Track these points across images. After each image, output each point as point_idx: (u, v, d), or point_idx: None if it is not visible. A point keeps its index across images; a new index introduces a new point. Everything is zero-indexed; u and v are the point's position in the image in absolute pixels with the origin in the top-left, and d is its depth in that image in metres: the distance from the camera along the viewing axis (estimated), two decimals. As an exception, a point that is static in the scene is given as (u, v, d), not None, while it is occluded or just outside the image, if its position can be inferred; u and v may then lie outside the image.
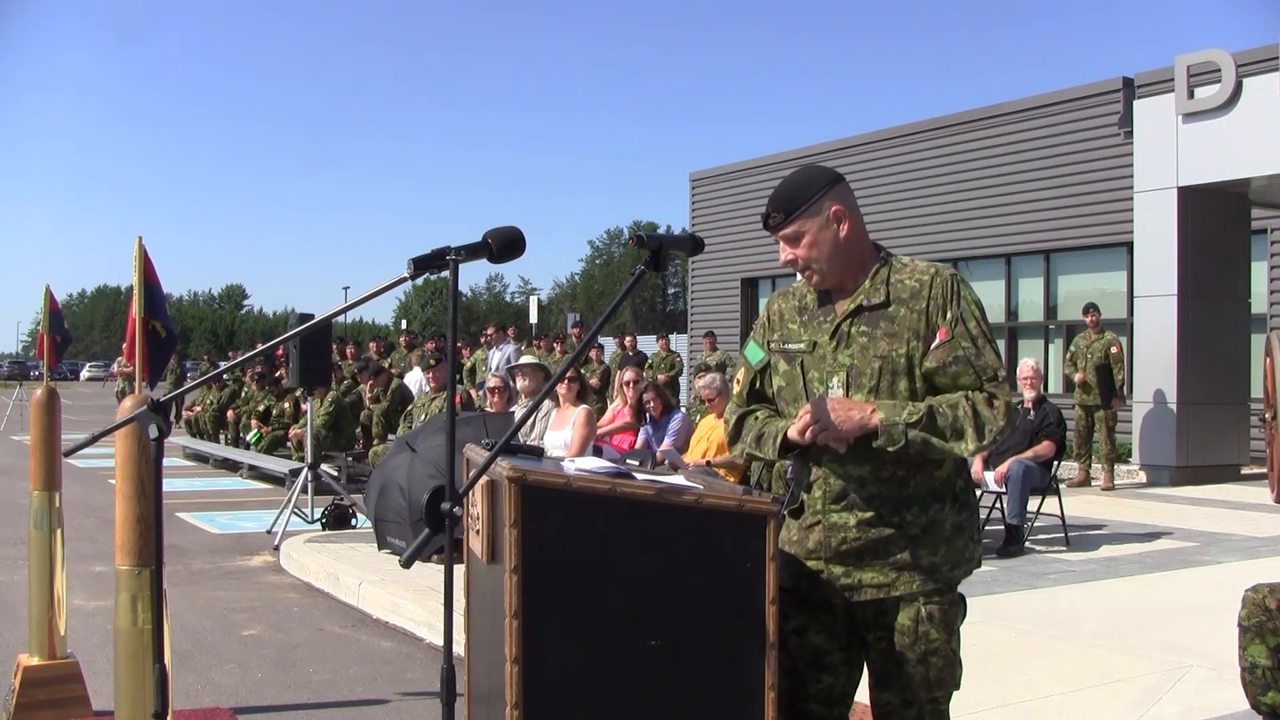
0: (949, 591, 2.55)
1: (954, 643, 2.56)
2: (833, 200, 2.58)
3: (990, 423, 2.46)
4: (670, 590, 2.27)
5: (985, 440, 2.46)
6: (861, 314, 2.58)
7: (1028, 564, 7.39)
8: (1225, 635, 4.01)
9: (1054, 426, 8.33)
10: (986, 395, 2.48)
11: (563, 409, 7.52)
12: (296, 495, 9.27)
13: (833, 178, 2.64)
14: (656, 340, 17.51)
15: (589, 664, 2.24)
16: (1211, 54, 11.96)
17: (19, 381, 36.32)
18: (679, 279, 77.08)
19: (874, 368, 2.53)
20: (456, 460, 2.63)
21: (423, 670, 5.37)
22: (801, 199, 2.58)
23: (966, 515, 2.59)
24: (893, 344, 2.53)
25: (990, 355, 2.53)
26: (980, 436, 2.45)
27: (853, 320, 2.58)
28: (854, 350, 2.56)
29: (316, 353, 9.52)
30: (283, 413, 14.81)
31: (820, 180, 2.62)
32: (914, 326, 2.53)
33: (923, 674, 2.52)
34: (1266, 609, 3.55)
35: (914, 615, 2.51)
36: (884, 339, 2.54)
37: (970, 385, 2.50)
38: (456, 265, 2.22)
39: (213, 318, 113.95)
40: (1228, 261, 12.65)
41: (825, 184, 2.60)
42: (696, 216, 23.49)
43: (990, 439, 2.47)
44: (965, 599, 2.61)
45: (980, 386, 2.50)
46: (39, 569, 4.37)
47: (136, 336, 4.16)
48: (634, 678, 2.26)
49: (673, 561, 2.28)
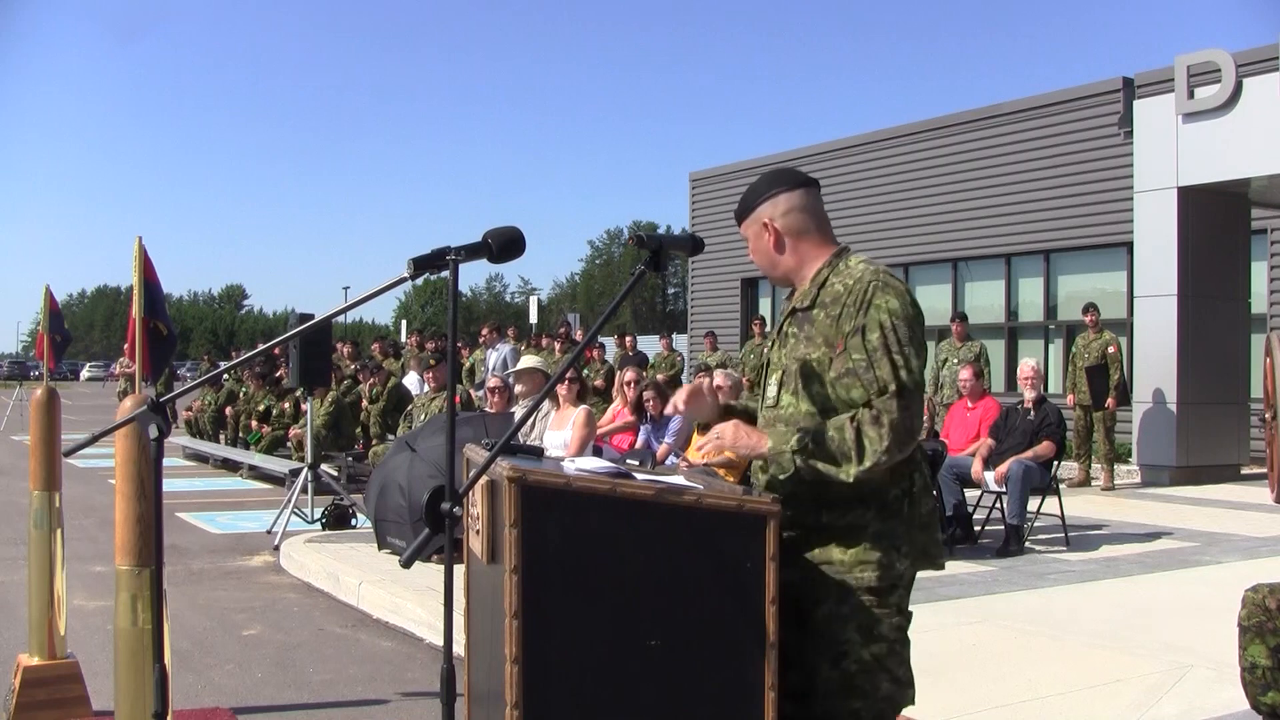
0: (866, 594, 2.45)
1: (874, 649, 2.45)
2: (770, 208, 2.64)
3: (872, 444, 2.37)
4: (670, 590, 2.27)
5: (865, 464, 2.37)
6: (795, 315, 2.64)
7: (1028, 564, 7.39)
8: (1225, 635, 4.01)
9: (1054, 427, 8.33)
10: (874, 413, 2.39)
11: (562, 409, 7.53)
12: (296, 495, 9.27)
13: (779, 184, 2.66)
14: (660, 340, 17.49)
15: (589, 664, 2.24)
16: (1211, 54, 11.96)
17: (19, 381, 36.33)
18: (679, 279, 77.06)
19: (793, 370, 2.56)
20: (456, 460, 2.63)
21: (423, 670, 5.37)
22: (745, 205, 2.69)
23: (894, 525, 2.47)
24: (809, 348, 2.54)
25: (885, 369, 2.41)
26: (860, 460, 2.37)
27: (789, 320, 2.65)
28: (785, 350, 2.62)
29: (316, 353, 9.52)
30: (283, 413, 14.81)
31: (761, 189, 2.67)
32: (826, 333, 2.52)
33: (838, 678, 2.44)
34: (1266, 609, 3.55)
35: (826, 613, 2.46)
36: (804, 342, 2.57)
37: (860, 400, 2.44)
38: (456, 265, 2.22)
39: (213, 318, 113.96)
40: (1228, 261, 12.65)
41: (764, 192, 2.66)
42: (696, 216, 23.49)
43: (871, 462, 2.37)
44: (903, 609, 2.51)
45: (869, 402, 2.42)
46: (39, 569, 4.37)
47: (136, 336, 4.16)
48: (634, 678, 2.26)
49: (673, 561, 2.28)
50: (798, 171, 2.73)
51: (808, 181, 2.69)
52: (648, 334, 34.44)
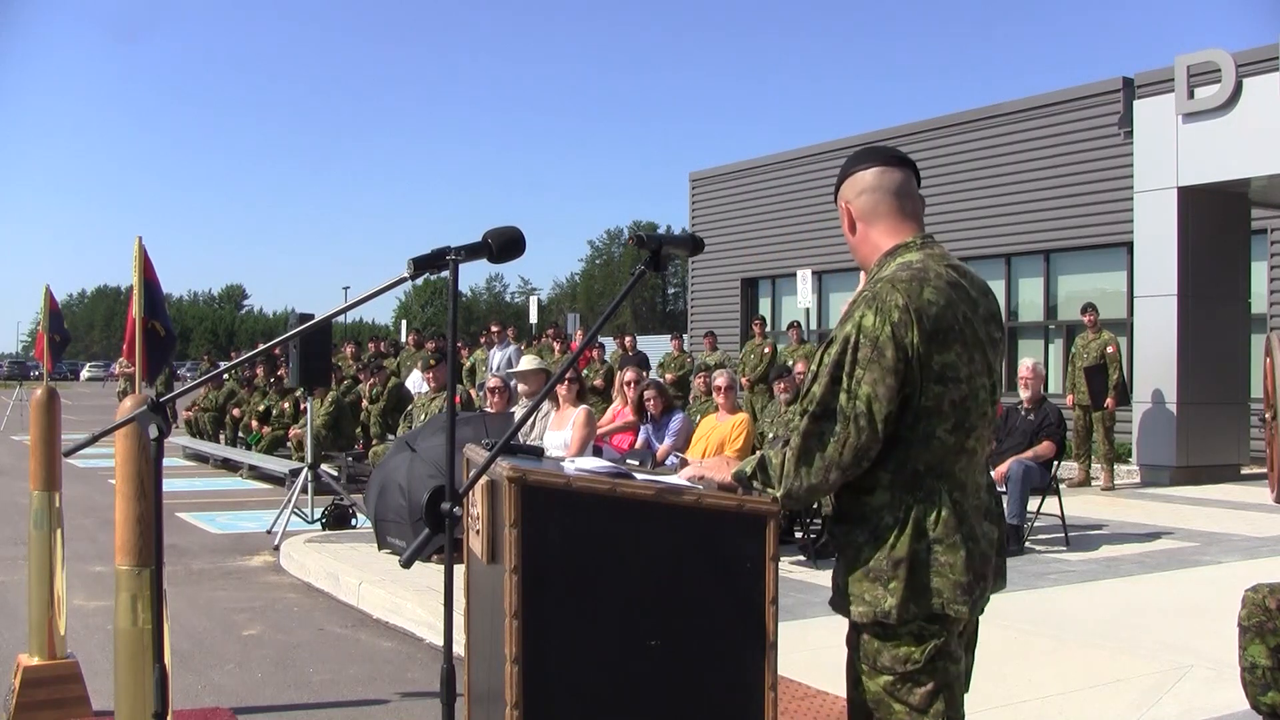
0: (864, 625, 2.27)
1: (881, 680, 2.25)
2: (848, 186, 2.44)
3: (785, 466, 2.25)
4: (670, 590, 2.27)
5: (779, 490, 2.27)
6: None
7: (1028, 564, 7.38)
8: (1225, 635, 4.01)
9: (1054, 427, 8.33)
10: (790, 435, 2.27)
11: (562, 409, 7.53)
12: (296, 495, 9.27)
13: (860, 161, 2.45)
14: (671, 340, 17.45)
15: (589, 664, 2.24)
16: (1211, 54, 11.96)
17: (19, 381, 36.31)
18: (679, 279, 77.06)
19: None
20: (456, 460, 2.63)
21: (423, 670, 5.37)
22: (836, 183, 2.50)
23: (883, 556, 2.23)
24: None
25: (819, 387, 2.23)
26: (780, 484, 2.27)
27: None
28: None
29: (316, 353, 9.52)
30: (283, 413, 14.81)
31: (847, 165, 2.47)
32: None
33: (856, 699, 2.33)
34: (1266, 609, 3.55)
35: (848, 634, 2.36)
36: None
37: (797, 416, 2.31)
38: (456, 265, 2.22)
39: (213, 318, 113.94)
40: (1228, 261, 12.65)
41: (848, 169, 2.46)
42: (696, 216, 23.49)
43: (784, 489, 2.26)
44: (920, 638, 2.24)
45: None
46: (39, 569, 4.37)
47: (136, 336, 4.16)
48: (634, 678, 2.26)
49: (673, 561, 2.28)
50: (890, 150, 2.48)
51: (894, 160, 2.43)
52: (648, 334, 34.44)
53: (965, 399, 2.27)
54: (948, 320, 2.25)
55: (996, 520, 2.44)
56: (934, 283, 2.28)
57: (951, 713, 2.30)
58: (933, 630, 2.25)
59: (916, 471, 2.25)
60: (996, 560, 2.39)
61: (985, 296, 2.39)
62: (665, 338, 20.01)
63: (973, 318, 2.31)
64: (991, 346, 2.36)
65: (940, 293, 2.27)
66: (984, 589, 2.32)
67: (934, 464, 2.26)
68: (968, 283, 2.36)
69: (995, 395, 2.38)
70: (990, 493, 2.44)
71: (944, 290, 2.28)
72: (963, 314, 2.29)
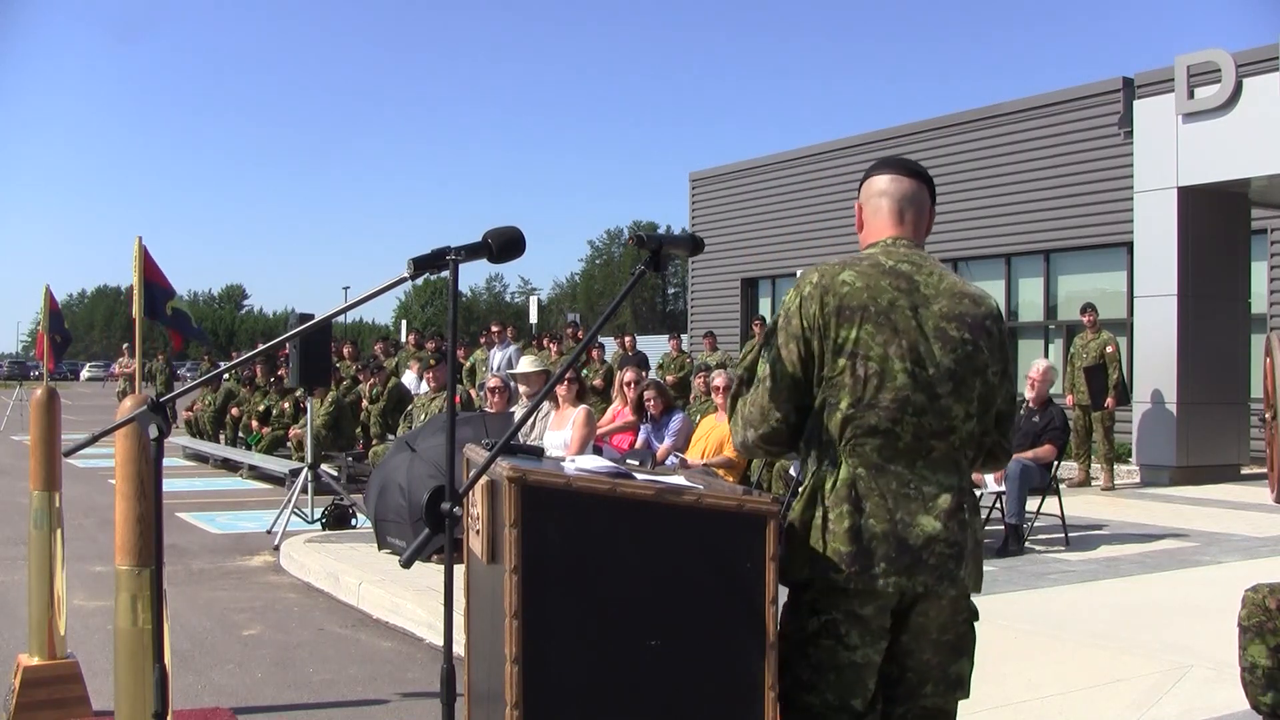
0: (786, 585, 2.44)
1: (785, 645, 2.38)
2: (863, 190, 2.65)
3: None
4: (670, 590, 2.27)
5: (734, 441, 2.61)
6: None
7: (1028, 564, 7.39)
8: (1225, 635, 4.01)
9: (1058, 431, 8.35)
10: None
11: (562, 409, 7.53)
12: (296, 495, 9.27)
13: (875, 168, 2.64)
14: (669, 341, 17.45)
15: (589, 664, 2.24)
16: (1211, 54, 11.96)
17: (19, 381, 36.27)
18: (679, 279, 77.04)
19: None
20: (456, 460, 2.63)
21: (423, 670, 5.37)
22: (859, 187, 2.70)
23: (792, 518, 2.43)
24: None
25: (750, 356, 2.59)
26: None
27: None
28: None
29: (317, 353, 9.52)
30: (283, 413, 14.80)
31: (868, 171, 2.67)
32: None
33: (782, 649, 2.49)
34: (1266, 609, 3.55)
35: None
36: None
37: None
38: (456, 265, 2.21)
39: (213, 318, 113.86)
40: (1228, 261, 12.65)
41: (867, 174, 2.66)
42: (696, 216, 23.49)
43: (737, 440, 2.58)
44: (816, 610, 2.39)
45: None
46: (39, 569, 4.37)
47: (136, 336, 4.17)
48: (634, 678, 2.26)
49: (673, 561, 2.28)
50: (909, 162, 2.66)
51: (907, 171, 2.60)
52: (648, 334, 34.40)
53: (873, 376, 2.37)
54: (860, 300, 2.40)
55: (960, 523, 2.41)
56: (860, 267, 2.45)
57: (839, 701, 2.37)
58: (825, 605, 2.38)
59: (822, 441, 2.42)
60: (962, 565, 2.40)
61: (953, 298, 2.46)
62: (665, 338, 20.00)
63: (905, 306, 2.41)
64: (939, 340, 2.41)
65: (862, 276, 2.43)
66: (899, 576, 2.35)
67: (836, 435, 2.39)
68: (923, 278, 2.46)
69: (937, 390, 2.40)
70: (950, 490, 2.42)
71: (869, 275, 2.43)
72: (887, 299, 2.40)
